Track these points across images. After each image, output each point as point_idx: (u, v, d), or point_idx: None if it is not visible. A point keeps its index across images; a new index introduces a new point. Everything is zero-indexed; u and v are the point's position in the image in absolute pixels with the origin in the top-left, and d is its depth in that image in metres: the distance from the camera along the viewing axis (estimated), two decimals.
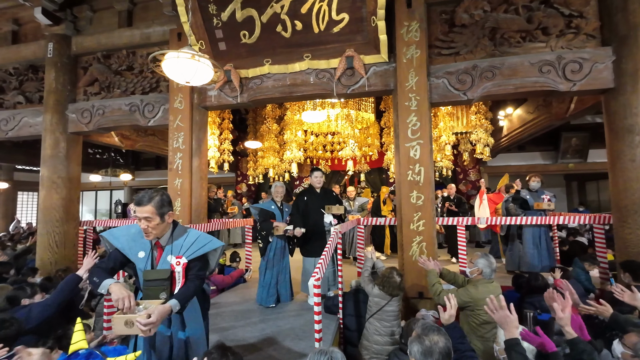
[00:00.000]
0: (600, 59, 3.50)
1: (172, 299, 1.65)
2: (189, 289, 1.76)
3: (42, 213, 4.84)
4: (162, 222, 1.77)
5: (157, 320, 1.51)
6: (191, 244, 1.83)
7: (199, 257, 1.85)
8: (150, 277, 1.78)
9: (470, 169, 10.17)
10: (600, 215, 3.95)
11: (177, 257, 1.79)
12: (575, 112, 5.55)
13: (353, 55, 3.95)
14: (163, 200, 1.76)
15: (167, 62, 2.48)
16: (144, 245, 1.83)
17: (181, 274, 1.80)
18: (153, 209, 1.72)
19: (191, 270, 1.82)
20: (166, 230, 1.83)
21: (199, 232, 1.94)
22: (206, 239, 1.89)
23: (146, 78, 4.88)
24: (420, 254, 3.69)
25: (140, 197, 1.75)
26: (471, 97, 3.81)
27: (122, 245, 1.84)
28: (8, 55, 5.40)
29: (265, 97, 4.39)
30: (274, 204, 3.92)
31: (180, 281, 1.79)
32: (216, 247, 1.92)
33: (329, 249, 2.82)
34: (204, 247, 1.86)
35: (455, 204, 6.20)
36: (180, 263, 1.79)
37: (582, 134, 9.62)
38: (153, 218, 1.73)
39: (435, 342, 1.49)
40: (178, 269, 1.78)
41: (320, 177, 4.04)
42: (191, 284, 1.78)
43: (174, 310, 1.63)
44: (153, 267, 1.82)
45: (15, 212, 12.20)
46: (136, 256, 1.82)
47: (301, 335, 2.93)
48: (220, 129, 7.27)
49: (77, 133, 5.09)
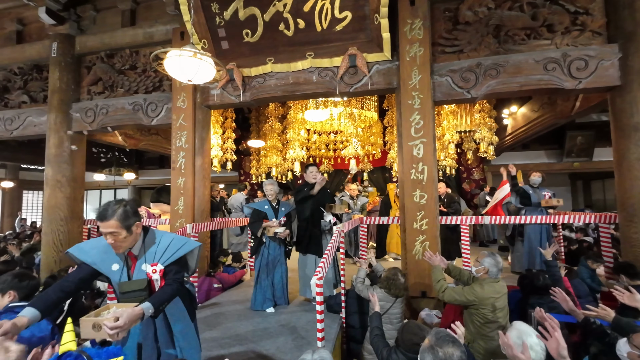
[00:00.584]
0: (607, 56, 3.46)
1: (145, 302, 1.54)
2: (165, 292, 1.66)
3: (46, 212, 4.88)
4: (130, 234, 1.66)
5: (124, 323, 1.39)
6: (165, 249, 1.75)
7: (176, 260, 1.77)
8: (126, 288, 1.69)
9: (474, 167, 10.11)
10: (606, 214, 3.91)
11: (152, 265, 1.72)
12: (580, 110, 5.50)
13: (356, 53, 3.93)
14: (127, 212, 1.63)
15: (169, 60, 2.48)
16: (117, 256, 1.73)
17: (159, 281, 1.73)
18: (117, 223, 1.59)
19: (168, 275, 1.74)
20: (137, 240, 1.73)
21: (172, 235, 1.85)
22: (180, 242, 1.81)
23: (149, 77, 4.90)
24: (423, 253, 3.66)
25: (102, 212, 1.61)
26: (475, 95, 3.78)
27: (93, 259, 1.72)
28: (13, 55, 5.43)
29: (267, 96, 4.38)
30: (268, 204, 3.72)
31: (159, 287, 1.72)
32: (192, 248, 1.84)
33: (331, 249, 2.81)
34: (179, 250, 1.78)
35: (445, 203, 5.78)
36: (157, 270, 1.72)
37: (588, 132, 9.54)
38: (119, 232, 1.61)
39: (450, 354, 1.38)
40: (155, 276, 1.71)
41: (315, 172, 3.88)
42: (167, 288, 1.69)
43: (147, 314, 1.51)
44: (129, 278, 1.73)
45: (21, 210, 12.30)
46: (110, 269, 1.72)
47: (304, 334, 2.93)
48: (223, 128, 7.27)
49: (81, 132, 5.11)
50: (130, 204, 1.68)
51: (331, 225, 3.79)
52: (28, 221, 12.12)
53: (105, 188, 14.65)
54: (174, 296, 1.72)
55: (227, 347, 2.75)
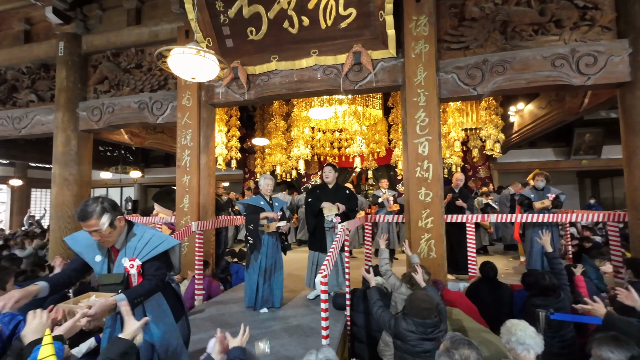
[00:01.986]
0: (616, 51, 3.40)
1: (119, 294, 1.58)
2: (142, 286, 1.69)
3: (54, 209, 4.94)
4: (114, 229, 1.70)
5: (95, 312, 1.44)
6: (144, 245, 1.76)
7: (157, 256, 1.77)
8: (105, 281, 1.73)
9: (480, 165, 10.03)
10: (615, 212, 3.85)
11: (130, 260, 1.73)
12: (589, 107, 5.42)
13: (360, 50, 3.91)
14: (105, 208, 1.67)
15: (173, 58, 2.48)
16: (101, 249, 1.77)
17: (136, 276, 1.74)
18: (97, 221, 1.64)
19: (147, 271, 1.75)
20: (121, 232, 1.77)
21: (154, 231, 1.86)
22: (160, 239, 1.81)
23: (154, 76, 4.92)
24: (428, 251, 3.65)
25: (81, 212, 1.65)
26: (481, 93, 3.74)
27: (80, 249, 1.78)
28: (21, 55, 5.49)
29: (272, 94, 4.38)
30: (263, 199, 3.56)
31: (136, 283, 1.74)
32: (170, 246, 1.83)
33: (335, 247, 2.80)
34: (158, 247, 1.78)
35: (460, 197, 4.92)
36: (134, 265, 1.73)
37: (596, 129, 9.40)
38: (102, 229, 1.65)
39: (467, 356, 1.40)
40: (132, 271, 1.73)
41: (328, 171, 3.96)
42: (145, 283, 1.71)
43: (119, 304, 1.53)
44: (110, 270, 1.76)
45: (30, 208, 12.47)
46: (93, 260, 1.77)
47: (309, 332, 2.93)
48: (228, 126, 7.29)
49: (88, 131, 5.16)
50: (107, 200, 1.71)
51: (334, 224, 3.76)
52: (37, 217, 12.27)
53: (111, 186, 14.79)
54: (152, 292, 1.73)
55: None
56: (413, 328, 2.19)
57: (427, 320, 2.20)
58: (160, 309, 1.83)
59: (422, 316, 2.20)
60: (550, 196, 4.29)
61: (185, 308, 2.08)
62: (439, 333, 2.24)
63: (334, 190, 4.00)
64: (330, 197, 3.87)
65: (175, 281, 1.97)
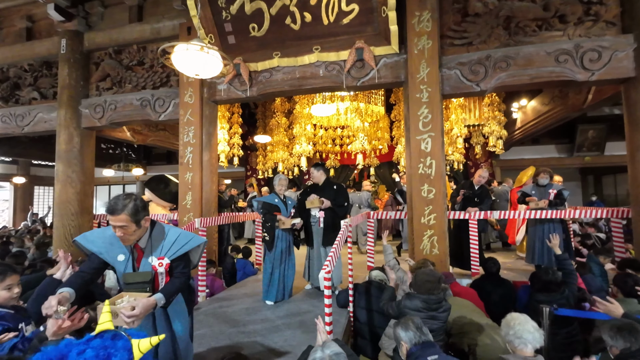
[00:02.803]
0: (621, 47, 3.37)
1: (158, 293, 1.62)
2: (174, 285, 1.73)
3: (57, 207, 4.96)
4: (139, 228, 1.70)
5: (140, 312, 1.49)
6: (172, 244, 1.78)
7: (182, 255, 1.80)
8: (131, 280, 1.73)
9: (482, 162, 9.99)
10: (618, 209, 3.84)
11: (159, 259, 1.75)
12: (592, 103, 5.40)
13: (363, 46, 3.90)
14: (137, 206, 1.66)
15: (176, 54, 2.48)
16: (123, 248, 1.77)
17: (164, 275, 1.76)
18: (128, 217, 1.63)
19: (175, 269, 1.79)
20: (144, 233, 1.77)
21: (179, 230, 1.88)
22: (187, 237, 1.84)
23: (157, 73, 4.92)
24: (431, 248, 3.65)
25: (113, 205, 1.64)
26: (484, 89, 3.73)
27: (99, 249, 1.76)
28: (23, 52, 5.50)
29: (274, 91, 4.38)
30: (277, 197, 3.79)
31: (163, 282, 1.77)
32: (198, 243, 1.87)
33: (339, 242, 2.81)
34: (186, 245, 1.80)
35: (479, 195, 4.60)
36: (163, 264, 1.75)
37: (600, 126, 9.35)
38: (129, 226, 1.65)
39: (411, 319, 1.84)
40: (161, 270, 1.75)
41: (313, 173, 4.03)
42: (176, 281, 1.75)
43: (159, 304, 1.60)
44: (134, 269, 1.77)
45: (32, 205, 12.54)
46: (115, 259, 1.76)
47: (312, 328, 2.93)
48: (230, 123, 7.29)
49: (90, 128, 5.17)
50: (139, 199, 1.72)
51: (317, 218, 3.87)
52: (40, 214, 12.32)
53: (114, 184, 14.83)
54: (182, 290, 1.79)
55: (235, 339, 2.77)
56: (419, 305, 2.28)
57: (431, 296, 2.31)
58: (179, 304, 1.87)
59: (426, 290, 2.31)
60: (552, 192, 4.25)
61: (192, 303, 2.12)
62: (444, 312, 2.34)
63: (322, 187, 4.04)
64: (319, 195, 3.92)
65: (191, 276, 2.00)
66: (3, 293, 1.80)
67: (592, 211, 4.17)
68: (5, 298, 1.80)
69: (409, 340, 1.79)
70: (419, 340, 1.78)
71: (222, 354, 1.93)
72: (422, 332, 1.81)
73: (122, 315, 1.45)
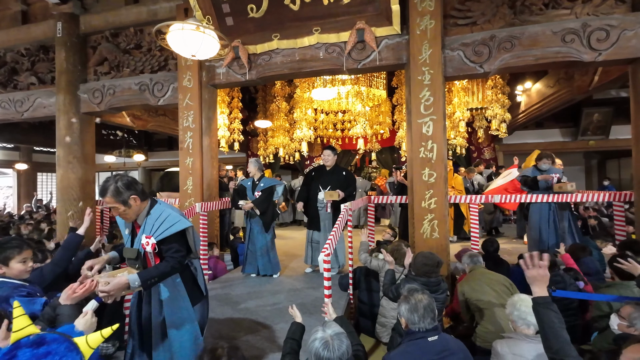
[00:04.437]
0: (630, 25, 3.27)
1: (133, 274, 1.62)
2: (157, 268, 1.71)
3: (60, 192, 4.98)
4: (128, 207, 1.73)
5: (111, 289, 1.52)
6: (160, 224, 1.76)
7: (173, 238, 1.76)
8: (126, 255, 1.84)
9: (485, 147, 9.91)
10: (621, 192, 3.81)
11: (146, 237, 1.76)
12: (598, 85, 5.30)
13: (364, 27, 3.80)
14: (117, 187, 1.70)
15: (172, 34, 2.42)
16: (128, 223, 1.89)
17: (152, 255, 1.77)
18: (112, 199, 1.71)
19: (167, 252, 1.76)
20: (142, 211, 1.80)
21: (172, 211, 1.83)
22: (174, 219, 1.77)
23: (154, 56, 4.84)
24: (431, 232, 3.66)
25: (101, 188, 1.74)
26: (488, 70, 3.65)
27: (120, 221, 1.93)
28: (19, 36, 5.41)
29: (274, 74, 4.31)
30: (251, 180, 4.15)
31: (153, 262, 1.79)
32: (183, 227, 1.79)
33: (338, 225, 2.81)
34: (171, 227, 1.76)
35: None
36: (149, 243, 1.75)
37: (605, 109, 9.20)
38: (116, 207, 1.72)
39: (420, 299, 1.73)
40: (148, 249, 1.76)
41: (327, 155, 4.09)
42: (161, 264, 1.72)
43: (132, 285, 1.59)
44: (133, 245, 1.85)
45: (36, 191, 12.63)
46: (124, 233, 1.90)
47: (312, 310, 2.99)
48: (230, 108, 7.22)
49: (90, 113, 5.14)
50: (122, 179, 1.74)
51: (325, 203, 3.95)
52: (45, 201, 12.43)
53: (115, 170, 14.86)
54: (167, 274, 1.73)
55: (237, 320, 2.82)
56: (419, 288, 2.26)
57: (431, 278, 2.35)
58: (176, 289, 1.85)
59: (425, 273, 2.34)
60: (556, 176, 4.22)
61: (206, 293, 2.05)
62: (442, 294, 2.39)
63: (330, 172, 4.05)
64: (326, 179, 3.97)
65: (194, 265, 1.98)
66: (19, 266, 1.88)
67: (594, 195, 4.14)
68: (20, 271, 1.89)
69: (409, 319, 1.74)
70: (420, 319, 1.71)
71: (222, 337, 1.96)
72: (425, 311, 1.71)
73: (97, 289, 1.52)
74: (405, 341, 1.74)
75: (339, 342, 1.43)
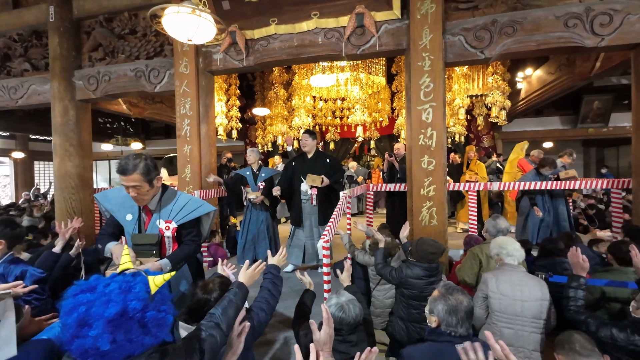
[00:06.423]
0: (634, 9, 3.21)
1: (164, 259, 1.63)
2: (182, 251, 1.72)
3: (57, 181, 4.96)
4: (152, 187, 1.68)
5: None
6: (181, 209, 1.76)
7: (193, 222, 1.78)
8: (138, 241, 1.75)
9: (484, 135, 9.88)
10: (619, 179, 3.82)
11: (166, 222, 1.74)
12: (600, 72, 5.24)
13: (363, 12, 3.73)
14: (148, 165, 1.64)
15: (167, 18, 2.37)
16: (133, 208, 1.77)
17: (171, 239, 1.75)
18: (140, 177, 1.61)
19: (185, 236, 1.77)
20: (156, 193, 1.76)
21: (190, 196, 1.85)
22: (197, 204, 1.80)
23: (150, 42, 4.75)
24: (430, 219, 3.67)
25: (124, 165, 1.61)
26: (489, 56, 3.60)
27: (112, 206, 1.79)
28: (11, 21, 5.29)
29: (272, 60, 4.24)
30: (250, 170, 4.09)
31: (170, 246, 1.75)
32: (208, 211, 1.83)
33: (336, 215, 2.81)
34: (195, 211, 1.77)
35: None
36: (170, 228, 1.73)
37: (606, 96, 9.15)
38: (142, 186, 1.63)
39: (460, 301, 1.52)
40: (167, 233, 1.74)
41: (305, 139, 3.85)
42: (185, 247, 1.74)
43: (164, 269, 1.60)
44: (141, 231, 1.77)
45: (33, 181, 12.58)
46: (124, 218, 1.78)
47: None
48: (228, 95, 7.15)
49: (85, 100, 5.07)
50: (150, 158, 1.69)
51: (310, 195, 3.68)
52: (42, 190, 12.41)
53: (113, 158, 14.80)
54: (190, 257, 1.79)
55: None
56: (420, 273, 2.34)
57: (432, 264, 2.38)
58: (181, 271, 1.86)
59: (428, 260, 2.36)
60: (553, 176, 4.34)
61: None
62: (439, 279, 2.43)
63: (312, 160, 3.84)
64: (308, 168, 3.71)
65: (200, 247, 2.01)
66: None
67: (592, 182, 4.16)
68: None
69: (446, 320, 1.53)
70: (458, 323, 1.51)
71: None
72: (466, 315, 1.52)
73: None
74: (430, 339, 1.56)
75: (353, 306, 1.62)
